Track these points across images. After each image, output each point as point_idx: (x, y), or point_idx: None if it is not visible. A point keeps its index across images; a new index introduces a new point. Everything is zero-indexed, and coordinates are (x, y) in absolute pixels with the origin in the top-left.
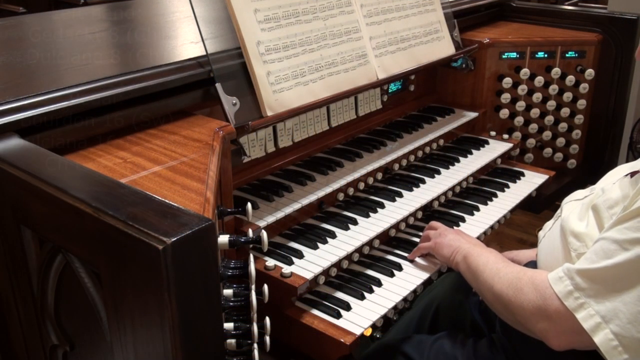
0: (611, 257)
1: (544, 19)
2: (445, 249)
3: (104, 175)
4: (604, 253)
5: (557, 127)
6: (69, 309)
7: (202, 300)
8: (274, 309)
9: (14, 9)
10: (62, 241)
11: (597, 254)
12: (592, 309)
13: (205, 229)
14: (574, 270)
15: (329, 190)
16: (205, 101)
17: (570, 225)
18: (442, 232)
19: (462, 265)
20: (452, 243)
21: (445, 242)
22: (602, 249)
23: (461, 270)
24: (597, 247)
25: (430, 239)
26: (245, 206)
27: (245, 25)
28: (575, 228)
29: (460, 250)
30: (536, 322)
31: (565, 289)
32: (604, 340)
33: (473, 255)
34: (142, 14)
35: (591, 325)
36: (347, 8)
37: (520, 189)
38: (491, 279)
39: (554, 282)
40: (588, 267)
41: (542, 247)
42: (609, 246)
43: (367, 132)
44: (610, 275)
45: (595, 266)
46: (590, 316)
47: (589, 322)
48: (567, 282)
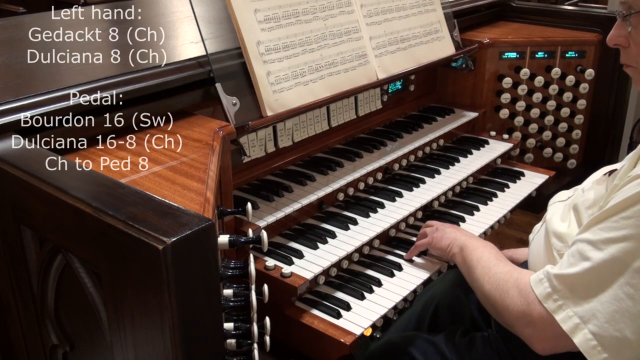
0: (587, 259)
1: (544, 19)
2: (443, 240)
3: (104, 175)
4: (580, 255)
5: (557, 127)
6: (69, 309)
7: (202, 300)
8: (274, 309)
9: (14, 9)
10: (62, 241)
11: (573, 256)
12: (571, 310)
13: (205, 229)
14: (552, 275)
15: (329, 190)
16: (205, 101)
17: (553, 226)
18: (439, 227)
19: (459, 257)
20: (450, 235)
21: (442, 235)
22: (578, 251)
23: (457, 263)
24: (573, 250)
25: (427, 236)
26: (245, 206)
27: (245, 25)
28: (558, 229)
29: (457, 241)
30: (521, 327)
31: (544, 292)
32: (583, 340)
33: (469, 248)
34: (142, 14)
35: (570, 327)
36: (347, 8)
37: (520, 189)
38: (482, 278)
39: (534, 284)
40: (565, 272)
41: (531, 249)
42: (583, 247)
43: (367, 132)
44: (586, 277)
45: (572, 270)
46: (569, 317)
47: (568, 323)
48: (546, 285)
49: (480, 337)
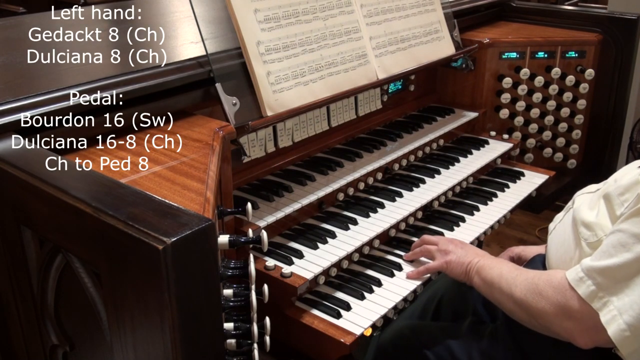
0: (630, 251)
1: (544, 19)
2: (457, 268)
3: (104, 175)
4: (622, 247)
5: (557, 127)
6: (69, 309)
7: (202, 300)
8: (274, 309)
9: (14, 9)
10: (62, 241)
11: (614, 247)
12: (612, 305)
13: (205, 229)
14: (594, 270)
15: (329, 190)
16: (205, 101)
17: (582, 215)
18: (446, 249)
19: (476, 280)
20: (462, 260)
21: (455, 261)
22: (620, 242)
23: (475, 285)
24: (614, 240)
25: (432, 254)
26: (245, 206)
27: (245, 25)
28: (586, 218)
29: (472, 265)
30: (560, 322)
31: (588, 290)
32: (616, 331)
33: (485, 268)
34: (142, 13)
35: (607, 319)
36: (347, 8)
37: (520, 189)
38: (509, 289)
39: (575, 283)
40: (606, 264)
41: (552, 238)
42: (626, 240)
43: (367, 132)
44: (628, 268)
45: (615, 261)
46: (610, 311)
47: (607, 316)
48: (589, 282)
49: (487, 329)
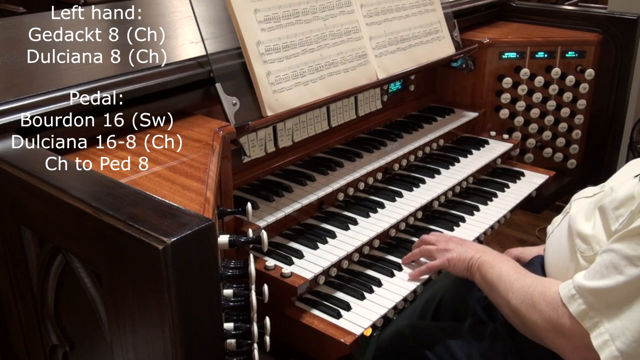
0: (622, 274)
1: (544, 19)
2: (459, 265)
3: (104, 175)
4: (614, 269)
5: (557, 127)
6: (69, 309)
7: (202, 300)
8: (274, 309)
9: (14, 9)
10: (62, 241)
11: (607, 268)
12: (604, 327)
13: (205, 229)
14: (585, 289)
15: (329, 190)
16: (205, 101)
17: (578, 225)
18: (446, 247)
19: (478, 277)
20: (463, 256)
21: (456, 258)
22: (612, 263)
23: (477, 282)
24: (607, 261)
25: (433, 254)
26: (245, 206)
27: (245, 25)
28: (582, 229)
29: (474, 261)
30: (552, 338)
31: (579, 309)
32: (609, 357)
33: (485, 266)
34: (142, 14)
35: (599, 343)
36: (347, 8)
37: (520, 189)
38: (506, 294)
39: (567, 300)
40: (599, 285)
41: (550, 243)
42: (618, 261)
43: (367, 132)
44: (620, 291)
45: (606, 283)
46: (601, 334)
47: (599, 339)
48: (580, 301)
49: (487, 329)
